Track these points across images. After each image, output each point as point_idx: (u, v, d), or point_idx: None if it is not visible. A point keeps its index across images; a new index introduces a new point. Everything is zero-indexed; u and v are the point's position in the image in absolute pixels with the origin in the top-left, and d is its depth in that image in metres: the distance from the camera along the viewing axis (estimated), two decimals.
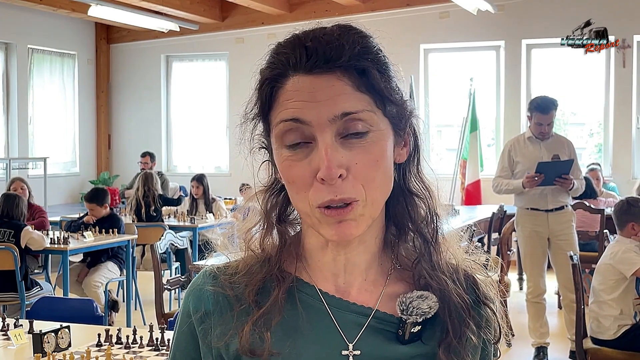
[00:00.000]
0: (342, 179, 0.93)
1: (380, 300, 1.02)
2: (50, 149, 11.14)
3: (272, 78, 0.97)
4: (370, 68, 0.96)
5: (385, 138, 0.97)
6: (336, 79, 0.94)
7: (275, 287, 1.01)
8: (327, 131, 0.93)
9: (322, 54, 0.94)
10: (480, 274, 1.07)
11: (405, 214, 1.04)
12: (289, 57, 0.96)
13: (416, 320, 0.99)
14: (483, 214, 7.41)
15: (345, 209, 0.93)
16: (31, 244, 5.62)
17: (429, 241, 1.04)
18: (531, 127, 5.36)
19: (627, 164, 9.51)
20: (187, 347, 1.05)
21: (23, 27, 10.56)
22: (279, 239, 1.04)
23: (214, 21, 10.99)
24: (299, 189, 0.96)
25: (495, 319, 1.05)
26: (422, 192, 1.05)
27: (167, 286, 4.82)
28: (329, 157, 0.92)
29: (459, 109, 9.93)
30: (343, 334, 0.99)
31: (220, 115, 11.47)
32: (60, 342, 2.91)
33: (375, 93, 0.96)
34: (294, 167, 0.95)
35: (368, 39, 0.98)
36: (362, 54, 0.96)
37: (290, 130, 0.95)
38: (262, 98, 0.99)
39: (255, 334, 0.98)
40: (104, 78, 12.08)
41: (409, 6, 10.11)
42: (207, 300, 1.03)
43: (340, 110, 0.93)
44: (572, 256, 4.34)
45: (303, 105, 0.94)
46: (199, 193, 7.94)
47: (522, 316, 5.72)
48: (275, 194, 1.06)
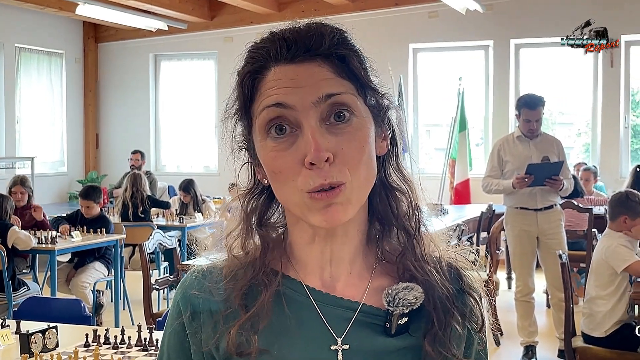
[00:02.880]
0: (329, 162, 0.93)
1: (366, 294, 1.03)
2: (37, 149, 11.08)
3: (253, 71, 0.98)
4: (350, 56, 0.98)
5: (368, 125, 0.98)
6: (317, 66, 0.96)
7: (262, 291, 1.01)
8: (311, 115, 0.94)
9: (302, 43, 0.96)
10: (464, 264, 1.08)
11: (388, 209, 1.05)
12: (269, 49, 0.98)
13: (403, 311, 0.99)
14: (472, 213, 7.42)
15: (334, 191, 0.94)
16: (18, 244, 5.58)
17: (412, 234, 1.05)
18: (520, 125, 5.37)
19: (615, 163, 9.55)
20: (178, 347, 1.05)
21: (10, 25, 10.50)
22: (261, 242, 1.05)
23: (203, 20, 10.96)
24: (286, 179, 0.96)
25: (478, 308, 1.06)
26: (403, 186, 1.05)
27: (156, 286, 4.80)
28: (316, 139, 0.93)
29: (447, 108, 9.94)
30: (331, 329, 1.00)
31: (208, 114, 11.44)
32: (48, 343, 2.89)
33: (355, 80, 0.98)
34: (280, 157, 0.95)
35: (344, 32, 1.00)
36: (341, 42, 0.98)
37: (275, 117, 0.95)
38: (244, 91, 0.99)
39: (242, 337, 0.98)
40: (92, 77, 12.03)
41: (397, 6, 10.11)
42: (196, 300, 1.03)
43: (324, 92, 0.94)
44: (561, 255, 4.35)
45: (286, 91, 0.95)
46: (187, 199, 7.92)
47: (511, 315, 5.73)
48: (255, 197, 1.06)
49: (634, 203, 4.37)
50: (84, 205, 6.37)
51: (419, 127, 10.48)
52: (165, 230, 6.08)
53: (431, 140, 10.99)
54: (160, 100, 11.93)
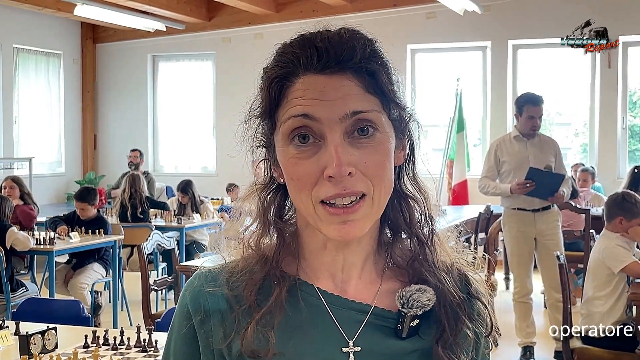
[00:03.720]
0: (351, 176, 0.94)
1: (377, 297, 1.04)
2: (35, 149, 11.07)
3: (281, 76, 0.98)
4: (379, 71, 0.97)
5: (389, 140, 0.99)
6: (347, 80, 0.96)
7: (275, 286, 1.01)
8: (336, 129, 0.95)
9: (334, 54, 0.96)
10: (472, 270, 1.10)
11: (400, 216, 1.06)
12: (299, 56, 0.97)
13: (416, 312, 1.01)
14: (470, 214, 7.43)
15: (353, 207, 0.95)
16: (16, 245, 5.58)
17: (424, 242, 1.06)
18: (520, 123, 5.35)
19: (613, 164, 9.57)
20: (188, 350, 1.04)
21: (8, 26, 10.50)
22: (277, 237, 1.05)
23: (201, 21, 10.96)
24: (303, 187, 0.96)
25: (487, 312, 1.07)
26: (417, 194, 1.06)
27: (154, 287, 4.80)
28: (339, 155, 0.93)
29: (445, 109, 9.95)
30: (343, 331, 1.01)
31: (207, 115, 11.44)
32: (47, 344, 2.89)
33: (382, 96, 0.98)
34: (300, 165, 0.96)
35: (375, 43, 1.00)
36: (372, 56, 0.97)
37: (300, 127, 0.96)
38: (271, 96, 0.99)
39: (259, 333, 0.98)
40: (89, 78, 12.02)
41: (395, 6, 10.12)
42: (206, 301, 1.03)
43: (351, 109, 0.95)
44: (558, 256, 4.35)
45: (314, 103, 0.95)
46: (185, 200, 7.92)
47: (508, 316, 5.74)
48: (272, 192, 1.07)
49: (629, 204, 4.36)
50: (79, 207, 6.37)
51: None
52: (163, 231, 6.07)
53: (429, 141, 10.94)
54: (158, 101, 11.92)
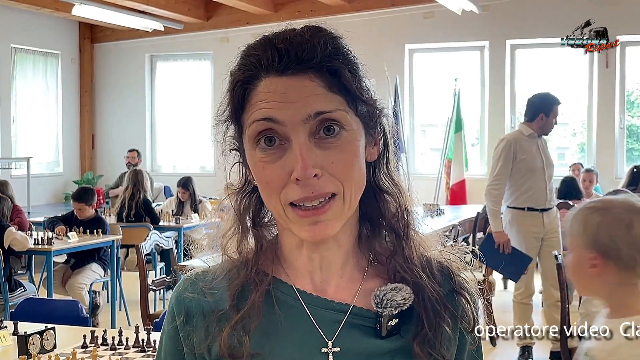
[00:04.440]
0: (317, 178, 0.93)
1: (357, 296, 1.03)
2: (33, 149, 11.06)
3: (243, 80, 0.98)
4: (342, 69, 0.96)
5: (357, 137, 0.98)
6: (308, 80, 0.95)
7: (252, 291, 1.01)
8: (300, 131, 0.94)
9: (294, 55, 0.95)
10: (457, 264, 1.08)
11: (377, 211, 1.05)
12: (261, 58, 0.96)
13: (391, 312, 1.00)
14: (468, 213, 7.43)
15: (322, 208, 0.95)
16: (14, 245, 5.58)
17: (401, 236, 1.05)
18: (545, 123, 5.30)
19: (610, 163, 9.57)
20: (173, 351, 1.06)
21: (6, 26, 10.48)
22: (254, 242, 1.05)
23: (199, 21, 10.96)
24: (272, 190, 0.96)
25: (470, 308, 1.06)
26: (392, 189, 1.06)
27: (152, 287, 4.80)
28: (304, 157, 0.93)
29: (443, 109, 9.95)
30: (322, 331, 1.00)
31: (204, 115, 11.42)
32: (46, 344, 2.89)
33: (347, 93, 0.97)
34: (267, 169, 0.96)
35: (338, 40, 0.98)
36: (333, 54, 0.96)
37: (264, 130, 0.95)
38: (235, 100, 0.99)
39: (234, 337, 0.98)
40: (87, 78, 12.01)
41: (394, 6, 10.12)
42: (189, 304, 1.04)
43: (314, 110, 0.94)
44: (556, 255, 4.35)
45: (276, 106, 0.94)
46: (185, 197, 7.91)
47: (507, 315, 5.74)
48: (248, 195, 1.06)
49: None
50: (76, 207, 6.36)
51: (414, 127, 10.50)
52: (161, 231, 6.07)
53: (427, 141, 10.99)
54: (156, 101, 11.92)
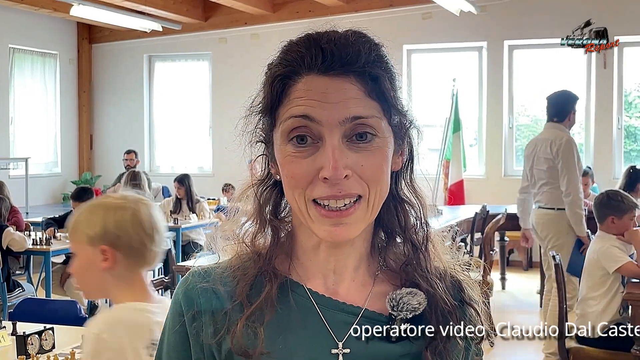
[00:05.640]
0: (347, 179, 0.94)
1: (368, 299, 1.04)
2: (31, 149, 11.05)
3: (284, 75, 0.98)
4: (383, 76, 0.98)
5: (388, 145, 0.99)
6: (349, 83, 0.96)
7: (267, 284, 1.01)
8: (335, 132, 0.95)
9: (339, 56, 0.96)
10: (465, 275, 1.09)
11: (395, 220, 1.06)
12: (304, 55, 0.97)
13: (406, 316, 1.01)
14: (466, 214, 7.44)
15: (347, 211, 0.96)
16: (12, 245, 5.58)
17: (419, 248, 1.06)
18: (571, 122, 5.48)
19: (608, 164, 9.58)
20: (180, 347, 1.05)
21: (4, 26, 10.47)
22: (271, 235, 1.05)
23: (197, 21, 10.95)
24: (297, 184, 0.97)
25: (478, 319, 1.07)
26: (413, 200, 1.06)
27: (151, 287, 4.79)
28: (336, 158, 0.94)
29: (441, 109, 9.96)
30: (332, 333, 1.01)
31: (203, 115, 11.42)
32: (44, 344, 2.89)
33: (384, 101, 0.98)
34: (296, 163, 0.97)
35: (380, 48, 1.00)
36: (376, 61, 0.98)
37: (299, 127, 0.96)
38: (273, 93, 0.99)
39: (248, 329, 0.98)
40: (86, 78, 12.01)
41: (392, 7, 10.13)
42: (198, 298, 1.03)
43: (352, 114, 0.95)
44: (554, 256, 4.36)
45: (315, 104, 0.95)
46: (181, 193, 7.89)
47: (504, 315, 5.76)
48: (269, 188, 1.07)
49: (616, 202, 4.37)
50: (75, 207, 6.36)
51: None
52: None
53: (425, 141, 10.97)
54: (155, 101, 11.91)
